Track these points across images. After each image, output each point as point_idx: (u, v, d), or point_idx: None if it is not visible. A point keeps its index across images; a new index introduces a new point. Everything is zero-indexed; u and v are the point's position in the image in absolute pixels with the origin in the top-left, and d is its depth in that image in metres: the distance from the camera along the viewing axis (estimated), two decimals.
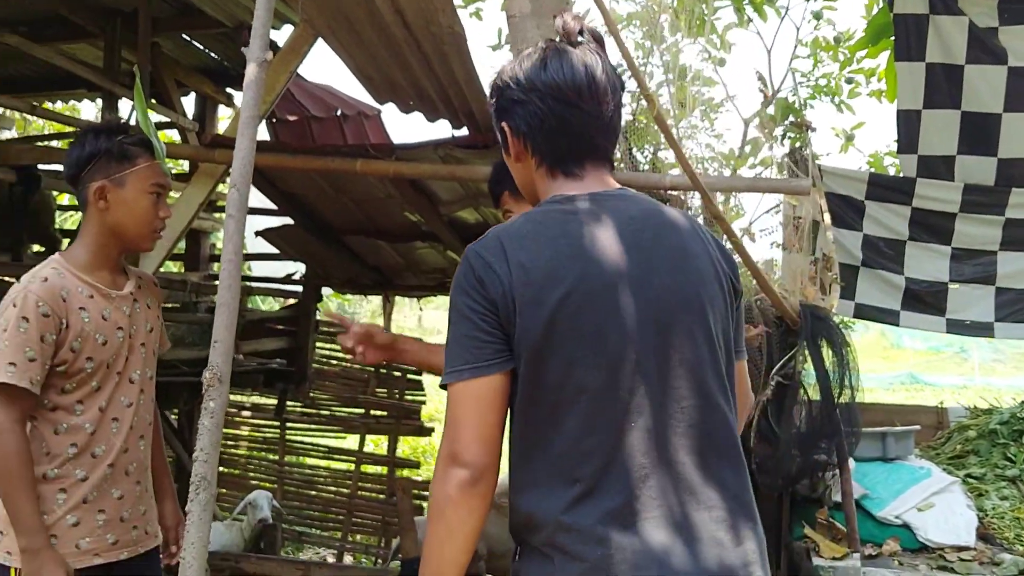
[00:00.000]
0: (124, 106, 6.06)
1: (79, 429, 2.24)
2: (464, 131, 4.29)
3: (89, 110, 11.97)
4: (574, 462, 1.37)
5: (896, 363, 23.95)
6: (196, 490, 2.03)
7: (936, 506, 3.57)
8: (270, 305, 10.26)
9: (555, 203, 1.49)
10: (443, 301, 7.34)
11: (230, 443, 8.92)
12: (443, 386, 1.44)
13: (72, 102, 9.18)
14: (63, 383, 2.22)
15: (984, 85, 4.58)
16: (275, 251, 6.55)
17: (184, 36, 6.16)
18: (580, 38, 1.54)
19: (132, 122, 3.05)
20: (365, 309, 20.28)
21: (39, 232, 5.66)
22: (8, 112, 8.29)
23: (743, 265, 3.48)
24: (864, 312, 5.16)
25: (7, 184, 4.97)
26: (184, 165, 7.01)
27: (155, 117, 5.92)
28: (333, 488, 8.53)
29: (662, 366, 1.39)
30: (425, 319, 18.91)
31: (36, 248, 5.74)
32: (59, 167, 5.03)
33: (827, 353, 3.65)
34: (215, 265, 7.30)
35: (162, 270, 5.05)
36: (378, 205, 5.07)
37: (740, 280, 1.56)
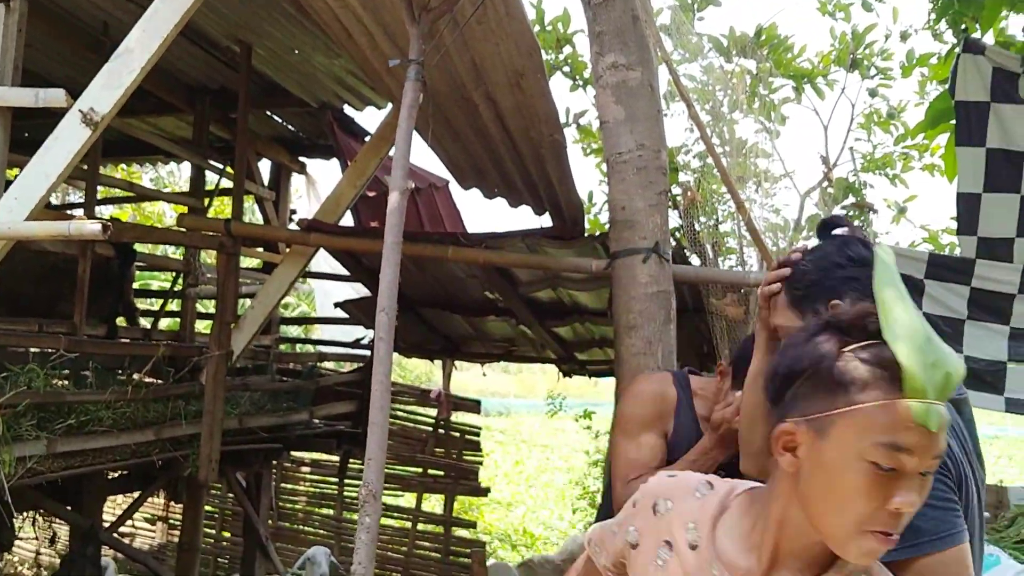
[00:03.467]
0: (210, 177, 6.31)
1: None
2: (545, 217, 4.50)
3: (147, 174, 12.39)
4: None
5: None
6: None
7: None
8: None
9: None
10: (503, 366, 7.47)
11: (287, 497, 9.08)
12: (914, 556, 1.44)
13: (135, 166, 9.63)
14: None
15: None
16: (344, 316, 6.77)
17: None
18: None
19: None
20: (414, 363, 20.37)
21: (122, 303, 5.84)
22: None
23: None
24: None
25: (105, 259, 5.16)
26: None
27: (225, 182, 6.15)
28: (390, 545, 8.59)
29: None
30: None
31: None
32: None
33: None
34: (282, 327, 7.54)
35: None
36: (458, 283, 5.26)
37: None
